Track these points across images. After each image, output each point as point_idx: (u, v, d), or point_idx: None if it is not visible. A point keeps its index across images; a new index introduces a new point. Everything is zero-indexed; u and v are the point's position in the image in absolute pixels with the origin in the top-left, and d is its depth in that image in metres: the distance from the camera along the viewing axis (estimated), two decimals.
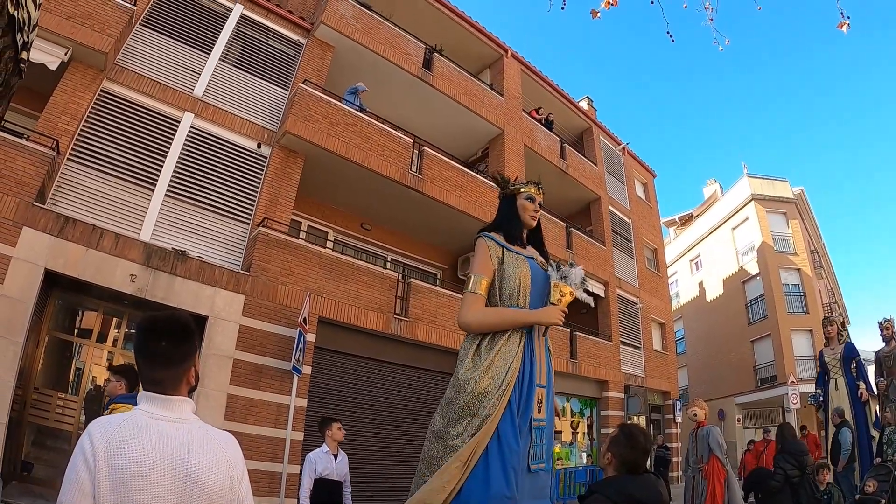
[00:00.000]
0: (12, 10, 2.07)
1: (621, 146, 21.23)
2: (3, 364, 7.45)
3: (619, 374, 17.16)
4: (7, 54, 2.18)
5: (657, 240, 22.10)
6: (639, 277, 19.54)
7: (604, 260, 17.52)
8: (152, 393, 1.55)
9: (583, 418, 16.57)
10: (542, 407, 2.97)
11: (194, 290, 9.45)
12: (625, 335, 18.03)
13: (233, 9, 12.00)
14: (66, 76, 9.56)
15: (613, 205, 19.27)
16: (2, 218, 8.09)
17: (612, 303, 17.57)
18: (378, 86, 13.49)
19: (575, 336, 15.67)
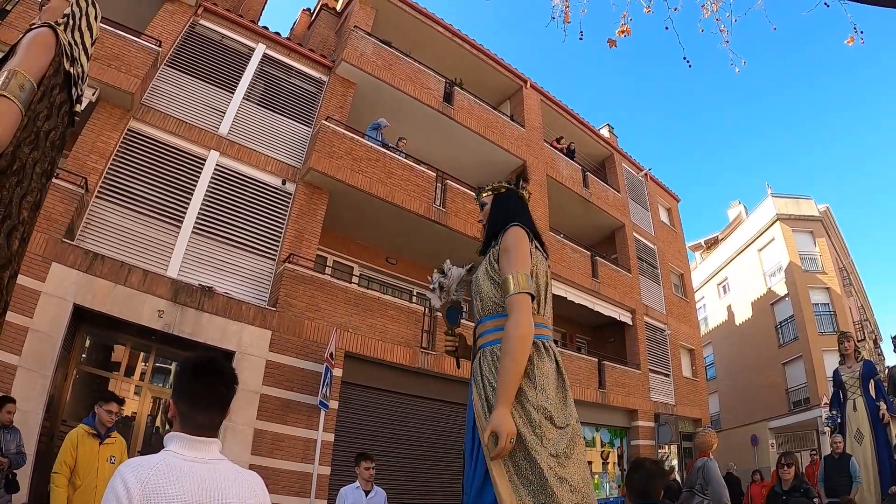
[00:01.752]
0: (68, 67, 2.19)
1: (644, 172, 21.04)
2: (33, 396, 7.52)
3: (649, 403, 16.81)
4: (64, 109, 2.27)
5: (683, 265, 21.78)
6: (666, 304, 19.23)
7: (630, 287, 17.26)
8: (182, 433, 1.55)
9: (613, 448, 16.23)
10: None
11: (221, 325, 9.48)
12: (653, 363, 17.67)
13: (255, 48, 12.24)
14: (94, 116, 9.79)
15: (638, 231, 19.01)
16: (31, 254, 8.19)
17: (639, 330, 17.28)
18: (400, 120, 13.53)
19: (603, 365, 15.36)
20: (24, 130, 1.97)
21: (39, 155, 2.12)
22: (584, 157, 19.09)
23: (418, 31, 15.21)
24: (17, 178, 2.00)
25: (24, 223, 2.10)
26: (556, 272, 14.63)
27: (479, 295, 2.53)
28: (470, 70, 15.95)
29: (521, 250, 2.43)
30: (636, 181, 20.49)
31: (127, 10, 11.55)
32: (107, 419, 5.18)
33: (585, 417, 14.92)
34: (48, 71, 2.08)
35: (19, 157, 1.98)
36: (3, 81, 1.91)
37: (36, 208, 2.22)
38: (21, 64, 1.99)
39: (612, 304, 16.42)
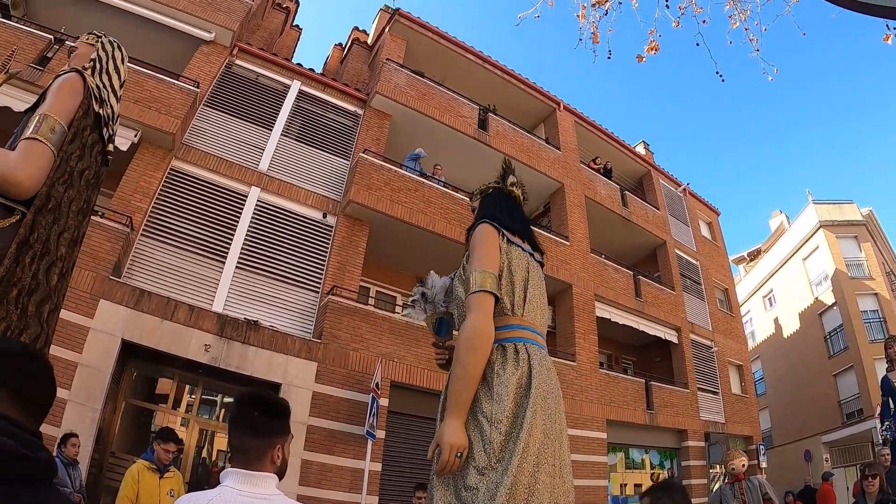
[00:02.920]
0: (98, 109, 2.29)
1: (682, 187, 20.63)
2: (82, 430, 7.58)
3: (699, 422, 16.28)
4: (96, 149, 2.36)
5: (727, 279, 21.19)
6: (711, 320, 18.69)
7: (675, 305, 16.83)
8: (238, 469, 1.58)
9: (663, 470, 15.81)
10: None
11: (267, 358, 9.53)
12: (701, 381, 17.12)
13: (291, 85, 12.44)
14: (136, 156, 10.06)
15: (679, 248, 18.56)
16: (80, 291, 8.47)
17: (685, 348, 16.80)
18: (436, 149, 13.53)
19: (650, 386, 14.93)
20: (57, 171, 2.05)
21: (74, 193, 2.20)
22: (622, 175, 18.81)
23: (449, 60, 15.27)
24: (53, 216, 2.07)
25: (62, 259, 2.19)
26: (599, 294, 14.41)
27: (458, 302, 2.28)
28: (503, 95, 15.93)
29: (484, 247, 2.20)
30: (675, 197, 20.10)
31: (165, 54, 11.89)
32: (164, 458, 5.25)
33: (634, 439, 14.55)
34: (78, 113, 2.17)
35: (54, 195, 2.05)
36: (35, 125, 2.01)
37: (74, 244, 2.31)
38: (51, 108, 2.08)
39: (656, 323, 16.02)
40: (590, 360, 13.46)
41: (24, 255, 1.96)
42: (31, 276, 2.00)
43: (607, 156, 18.19)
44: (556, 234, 14.51)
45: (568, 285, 13.88)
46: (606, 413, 13.30)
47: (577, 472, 11.88)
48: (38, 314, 2.05)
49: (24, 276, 1.96)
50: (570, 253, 14.30)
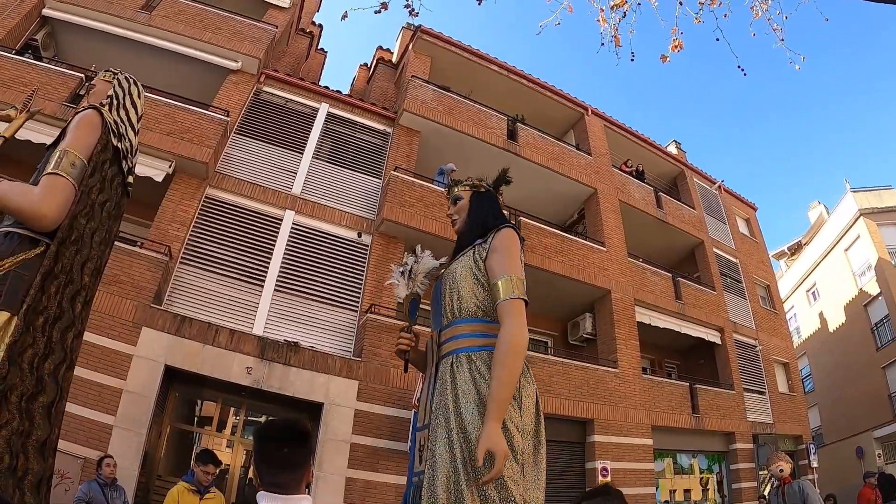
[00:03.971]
0: (116, 143, 2.37)
1: (717, 185, 20.06)
2: (128, 454, 7.80)
3: (746, 424, 15.70)
4: (116, 181, 2.44)
5: (769, 275, 20.51)
6: (755, 318, 18.08)
7: (716, 305, 16.32)
8: (273, 493, 1.60)
9: (712, 474, 15.30)
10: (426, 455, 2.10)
11: (308, 378, 9.55)
12: (747, 381, 16.51)
13: (319, 108, 12.51)
14: (172, 186, 10.23)
15: (718, 246, 18.00)
16: (122, 320, 8.68)
17: (729, 349, 16.25)
18: (466, 162, 13.12)
19: (695, 389, 14.45)
20: (78, 203, 2.12)
21: (96, 225, 2.30)
22: (655, 177, 18.42)
23: (474, 73, 15.21)
24: (76, 247, 2.16)
25: (85, 287, 2.28)
26: (639, 298, 14.06)
27: (457, 294, 2.22)
28: (530, 104, 15.76)
29: (517, 255, 2.20)
30: (710, 195, 19.57)
31: (194, 85, 12.10)
32: (203, 479, 5.36)
33: (681, 444, 14.10)
34: (97, 148, 2.23)
35: (76, 227, 2.14)
36: (56, 161, 2.09)
37: (97, 274, 2.41)
38: (71, 144, 2.16)
39: (698, 325, 15.54)
40: (632, 366, 13.13)
41: (49, 285, 2.04)
42: (56, 305, 2.08)
43: (639, 158, 17.84)
44: (592, 240, 14.24)
45: (606, 291, 13.58)
46: (651, 419, 12.93)
47: (624, 480, 11.59)
48: (62, 340, 2.13)
49: (49, 304, 2.04)
50: (608, 258, 14.00)
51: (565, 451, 11.94)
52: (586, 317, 13.94)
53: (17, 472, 1.90)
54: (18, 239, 2.05)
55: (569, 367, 12.21)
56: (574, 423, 12.07)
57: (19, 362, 1.91)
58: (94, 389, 8.12)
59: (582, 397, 11.96)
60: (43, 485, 2.09)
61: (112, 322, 8.63)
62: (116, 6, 11.79)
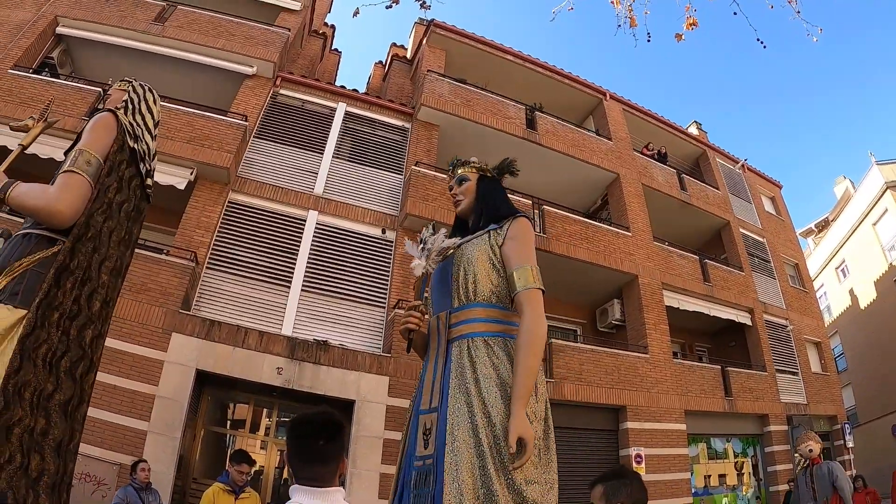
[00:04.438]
0: (132, 144, 2.37)
1: (740, 164, 19.59)
2: (164, 458, 7.88)
3: (780, 406, 15.34)
4: (134, 183, 2.44)
5: (797, 254, 20.03)
6: (784, 298, 17.68)
7: (745, 286, 15.97)
8: (307, 486, 1.58)
9: (746, 458, 14.97)
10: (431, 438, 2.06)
11: (339, 376, 9.56)
12: (779, 362, 16.13)
13: (336, 108, 12.48)
14: (194, 193, 10.30)
15: (744, 226, 17.63)
16: (152, 327, 8.78)
17: (760, 330, 15.90)
18: (486, 153, 12.89)
19: (727, 372, 14.19)
20: (95, 202, 2.14)
21: (114, 224, 2.31)
22: (677, 159, 18.08)
23: (490, 64, 15.10)
24: (93, 245, 2.16)
25: (104, 286, 2.27)
26: (667, 282, 13.85)
27: (473, 277, 2.19)
28: (547, 92, 15.58)
29: (532, 244, 2.26)
30: (734, 174, 19.14)
31: (211, 92, 12.16)
32: (238, 479, 5.39)
33: (714, 429, 13.86)
34: (113, 148, 2.25)
35: (93, 225, 2.14)
36: (72, 159, 2.13)
37: (118, 274, 2.41)
38: (86, 143, 2.18)
39: (728, 307, 15.24)
40: (662, 350, 12.91)
41: (64, 280, 2.03)
42: (72, 301, 2.07)
43: (660, 140, 17.53)
44: (616, 225, 14.05)
45: (633, 276, 13.38)
46: (684, 403, 12.72)
47: (659, 466, 11.47)
48: (79, 338, 2.13)
49: (65, 300, 2.03)
50: (633, 243, 13.79)
51: (598, 439, 11.84)
52: (614, 303, 13.77)
53: (30, 472, 1.87)
54: (36, 239, 2.08)
55: (599, 354, 12.07)
56: (606, 410, 11.94)
57: (33, 357, 1.90)
58: (127, 396, 8.22)
59: (613, 384, 11.80)
60: (62, 488, 2.07)
61: (142, 329, 8.73)
62: (129, 19, 11.91)
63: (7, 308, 1.91)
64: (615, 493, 2.40)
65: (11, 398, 1.80)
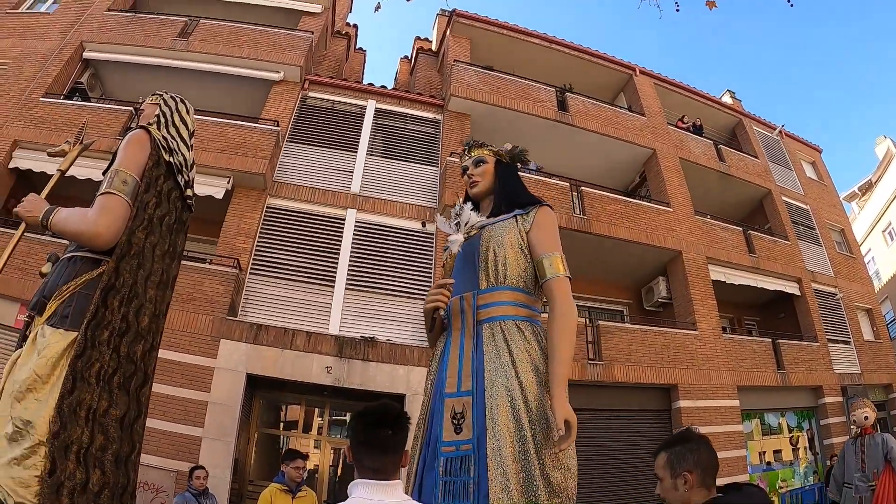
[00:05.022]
0: (168, 158, 2.37)
1: (777, 130, 18.91)
2: (219, 463, 8.02)
3: (833, 376, 14.76)
4: (173, 195, 2.45)
5: (842, 219, 19.27)
6: (832, 265, 17.01)
7: (791, 255, 15.46)
8: (368, 480, 1.57)
9: (802, 432, 14.43)
10: (466, 422, 1.99)
11: (388, 371, 9.59)
12: (831, 332, 15.54)
13: (366, 106, 12.45)
14: (233, 201, 10.42)
15: (786, 194, 17.02)
16: (201, 335, 8.94)
17: (809, 299, 15.33)
18: (520, 138, 12.74)
19: (778, 344, 13.77)
20: (135, 219, 2.16)
21: (157, 239, 2.32)
22: (712, 130, 17.59)
23: (515, 49, 14.91)
24: (136, 261, 2.18)
25: (151, 301, 2.29)
26: (711, 256, 13.50)
27: (503, 260, 2.19)
28: (575, 73, 15.32)
29: (558, 235, 2.29)
30: (772, 142, 18.52)
31: (241, 101, 12.24)
32: (295, 475, 5.41)
33: (768, 403, 13.47)
34: (148, 164, 2.26)
35: (135, 242, 2.16)
36: (108, 181, 2.15)
37: (164, 286, 2.42)
38: (121, 163, 2.19)
39: (775, 278, 14.79)
40: (711, 326, 12.58)
41: (111, 300, 2.06)
42: (120, 319, 2.09)
43: (693, 112, 17.06)
44: (657, 202, 13.73)
45: (677, 252, 13.04)
46: (736, 379, 12.36)
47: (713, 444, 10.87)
48: (130, 354, 2.16)
49: (113, 318, 2.06)
50: (675, 219, 13.45)
51: (650, 420, 11.63)
52: (660, 281, 13.47)
53: (92, 486, 1.92)
54: (81, 261, 2.12)
55: (647, 333, 11.84)
56: (657, 390, 11.72)
57: (86, 377, 1.94)
58: (181, 404, 8.38)
59: (663, 363, 11.56)
60: (126, 499, 2.11)
61: (191, 338, 8.89)
62: (153, 38, 12.10)
63: (59, 332, 1.96)
64: (680, 460, 2.14)
65: (68, 418, 1.85)
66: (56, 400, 1.85)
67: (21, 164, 10.41)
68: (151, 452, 7.66)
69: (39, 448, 1.81)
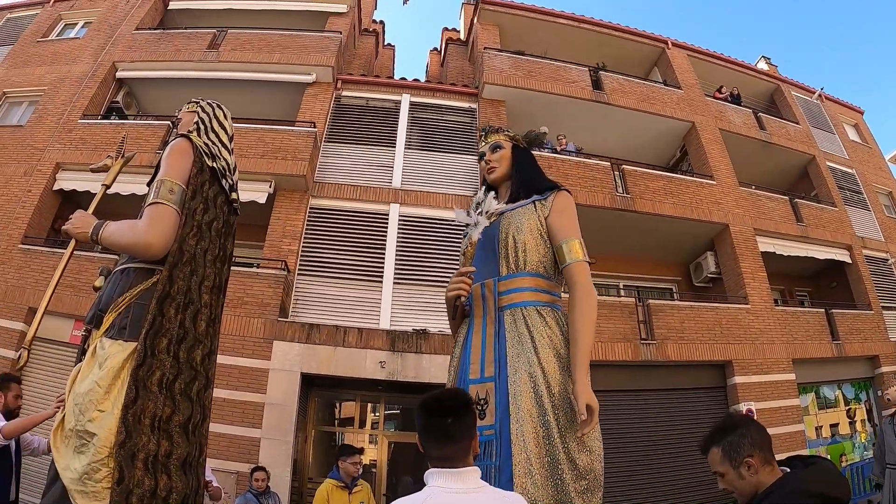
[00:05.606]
0: (211, 164, 2.37)
1: (816, 93, 18.28)
2: (279, 462, 8.16)
3: (890, 345, 14.14)
4: (219, 200, 2.45)
5: (889, 181, 18.48)
6: (882, 230, 16.36)
7: (840, 222, 14.97)
8: (443, 469, 1.53)
9: (859, 404, 13.85)
10: (489, 408, 2.03)
11: (441, 363, 9.47)
12: (885, 299, 14.97)
13: (401, 100, 12.45)
14: (276, 205, 10.51)
15: (830, 159, 16.49)
16: (255, 338, 9.05)
17: (861, 266, 14.79)
18: (557, 121, 12.98)
19: (832, 315, 13.35)
20: (184, 227, 2.17)
21: (207, 244, 2.32)
22: (750, 98, 17.06)
23: (545, 32, 14.74)
24: (189, 268, 2.19)
25: (206, 305, 2.30)
26: (758, 227, 13.16)
27: (523, 246, 2.19)
28: (607, 50, 15.08)
29: (577, 220, 2.27)
30: (812, 106, 17.93)
31: (277, 106, 12.34)
32: (352, 470, 5.48)
33: (824, 376, 13.05)
34: (192, 171, 2.26)
35: (186, 249, 2.17)
36: (155, 191, 2.16)
37: (218, 291, 2.43)
38: (166, 173, 2.20)
39: (824, 246, 14.35)
40: (763, 299, 12.27)
41: (167, 308, 2.07)
42: (178, 326, 2.11)
43: (729, 82, 16.61)
44: (699, 175, 13.45)
45: (724, 226, 12.74)
46: (791, 352, 12.05)
47: (770, 420, 10.82)
48: (189, 359, 2.17)
49: (170, 326, 2.08)
50: (719, 191, 13.14)
51: (705, 397, 11.37)
52: (707, 256, 13.17)
53: (160, 492, 1.94)
54: (134, 272, 2.14)
55: (698, 310, 11.61)
56: (711, 366, 11.46)
57: (148, 385, 1.97)
58: (238, 407, 8.55)
59: (716, 339, 11.33)
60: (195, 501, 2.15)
61: (244, 342, 9.04)
62: (184, 52, 12.29)
63: (118, 343, 1.99)
64: (737, 448, 1.99)
65: (132, 427, 1.88)
66: (120, 410, 1.88)
67: (65, 185, 10.72)
68: (212, 455, 7.70)
69: (108, 459, 1.84)
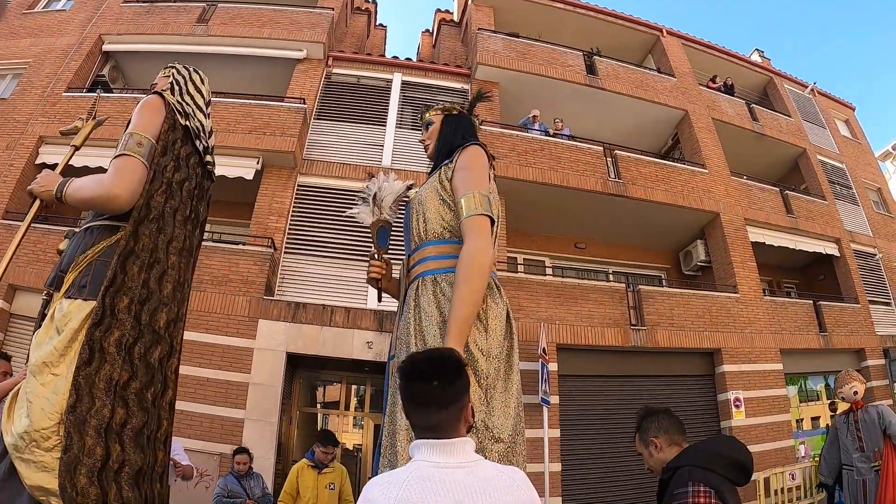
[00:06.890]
0: (183, 122, 2.29)
1: (809, 88, 18.44)
2: (263, 444, 7.97)
3: (875, 338, 14.26)
4: (192, 160, 2.37)
5: (878, 177, 18.66)
6: (870, 225, 16.48)
7: (829, 216, 15.05)
8: (429, 439, 1.35)
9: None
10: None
11: None
12: (872, 293, 15.11)
13: (392, 79, 12.27)
14: (263, 181, 10.28)
15: (821, 153, 16.55)
16: (239, 316, 8.82)
17: (849, 260, 14.88)
18: (550, 104, 12.92)
19: (819, 307, 13.39)
20: (153, 182, 2.07)
21: (177, 203, 2.23)
22: (743, 89, 17.10)
23: (539, 15, 14.61)
24: (156, 225, 2.08)
25: (173, 267, 2.19)
26: (749, 217, 13.17)
27: (423, 216, 2.11)
28: (602, 36, 15.00)
29: (481, 169, 2.09)
30: (804, 100, 18.03)
31: (266, 82, 12.13)
32: (323, 458, 5.66)
33: (810, 367, 13.07)
34: (163, 127, 2.17)
35: (154, 206, 2.07)
36: (122, 143, 2.06)
37: (188, 254, 2.32)
38: (135, 126, 2.11)
39: (814, 238, 14.41)
40: (752, 288, 12.27)
41: (130, 265, 1.95)
42: (141, 285, 1.98)
43: (723, 72, 16.63)
44: (691, 163, 13.41)
45: (715, 214, 12.73)
46: (779, 342, 12.06)
47: (758, 409, 10.95)
48: (152, 323, 2.04)
49: (133, 285, 1.95)
50: (711, 180, 13.13)
51: (695, 385, 11.32)
52: (698, 244, 13.17)
53: (111, 464, 1.77)
54: (98, 230, 2.04)
55: (688, 297, 11.57)
56: (700, 354, 11.44)
57: (105, 346, 1.82)
58: (222, 387, 8.33)
59: (705, 327, 11.31)
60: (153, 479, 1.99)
61: (228, 320, 8.83)
62: (172, 25, 12.06)
63: (77, 302, 1.86)
64: (646, 432, 2.47)
65: (84, 390, 1.73)
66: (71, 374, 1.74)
67: (48, 158, 10.46)
68: (194, 437, 7.68)
69: (58, 427, 1.69)
